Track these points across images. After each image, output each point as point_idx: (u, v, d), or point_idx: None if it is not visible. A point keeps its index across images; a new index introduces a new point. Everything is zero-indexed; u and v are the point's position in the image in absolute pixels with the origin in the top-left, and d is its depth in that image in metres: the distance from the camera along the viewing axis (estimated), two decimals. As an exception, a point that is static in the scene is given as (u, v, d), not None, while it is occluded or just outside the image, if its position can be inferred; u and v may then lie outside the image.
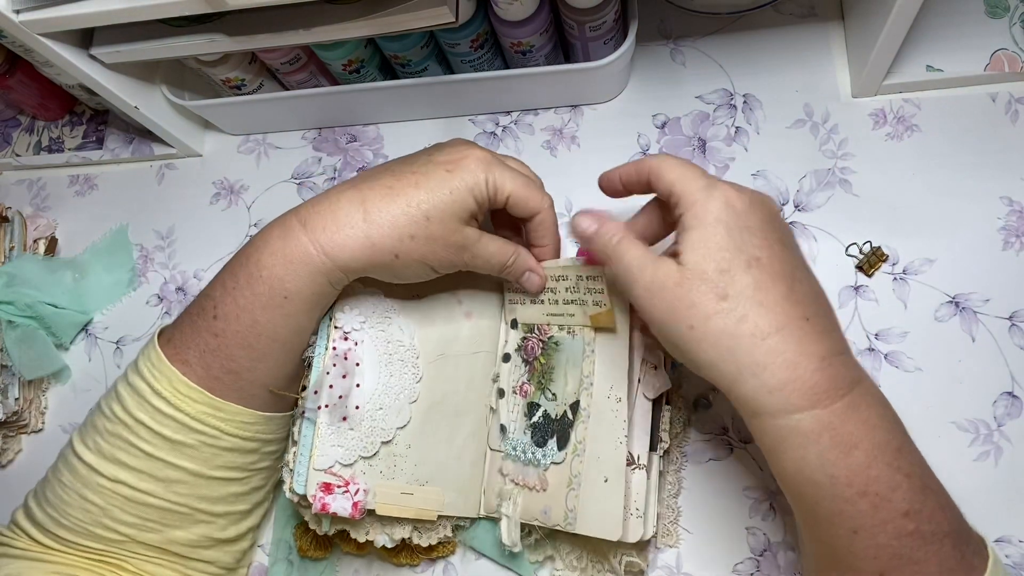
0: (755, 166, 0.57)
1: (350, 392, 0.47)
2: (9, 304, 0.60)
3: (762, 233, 0.38)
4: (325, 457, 0.46)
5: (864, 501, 0.34)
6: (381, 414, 0.48)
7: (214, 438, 0.45)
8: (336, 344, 0.48)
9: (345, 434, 0.47)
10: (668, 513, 0.50)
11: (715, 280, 0.36)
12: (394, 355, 0.49)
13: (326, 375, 0.47)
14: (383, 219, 0.42)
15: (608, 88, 0.60)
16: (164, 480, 0.44)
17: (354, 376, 0.47)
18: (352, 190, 0.44)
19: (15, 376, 0.61)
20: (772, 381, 0.35)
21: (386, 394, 0.48)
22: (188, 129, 0.67)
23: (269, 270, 0.43)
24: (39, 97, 0.68)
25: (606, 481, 0.45)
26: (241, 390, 0.45)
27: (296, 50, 0.57)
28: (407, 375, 0.49)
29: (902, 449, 0.36)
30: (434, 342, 0.50)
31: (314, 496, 0.45)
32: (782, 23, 0.59)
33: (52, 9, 0.49)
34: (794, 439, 0.35)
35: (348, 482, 0.46)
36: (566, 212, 0.59)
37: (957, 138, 0.54)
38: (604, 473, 0.45)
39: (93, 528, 0.44)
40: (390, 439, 0.48)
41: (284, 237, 0.43)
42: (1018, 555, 0.46)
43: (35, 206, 0.70)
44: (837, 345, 0.37)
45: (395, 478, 0.48)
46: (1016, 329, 0.50)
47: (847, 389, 0.36)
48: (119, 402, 0.44)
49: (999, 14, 0.55)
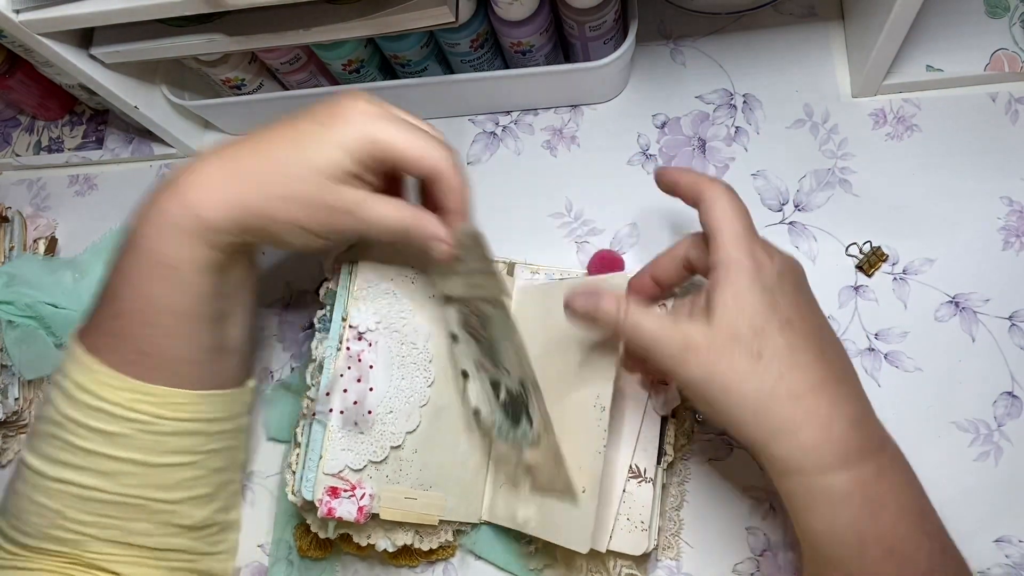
0: (755, 166, 0.57)
1: (364, 397, 0.47)
2: (9, 304, 0.60)
3: (794, 296, 0.38)
4: (336, 461, 0.46)
5: (890, 561, 0.35)
6: (392, 418, 0.47)
7: (149, 424, 0.43)
8: (350, 344, 0.47)
9: (356, 438, 0.46)
10: (670, 526, 0.49)
11: (749, 340, 0.36)
12: (407, 357, 0.48)
13: (339, 377, 0.46)
14: (250, 177, 0.40)
15: (608, 88, 0.60)
16: (109, 474, 0.43)
17: (368, 380, 0.47)
18: (227, 147, 0.41)
19: (15, 376, 0.61)
20: (807, 441, 0.35)
21: (397, 397, 0.48)
22: (188, 129, 0.67)
23: (146, 239, 0.40)
24: (39, 97, 0.68)
25: (583, 491, 0.44)
26: (162, 369, 0.43)
27: (296, 50, 0.57)
28: (419, 378, 0.49)
29: (924, 510, 0.37)
30: (445, 346, 0.50)
31: (320, 500, 0.45)
32: (782, 23, 0.59)
33: (52, 9, 0.49)
34: (826, 498, 0.35)
35: (355, 487, 0.46)
36: (565, 212, 0.59)
37: (957, 138, 0.54)
38: (582, 483, 0.45)
39: (52, 531, 0.43)
40: (400, 444, 0.47)
41: (155, 202, 0.41)
42: (1018, 555, 0.46)
43: (35, 206, 0.70)
44: (867, 407, 0.38)
45: (400, 483, 0.48)
46: (1016, 329, 0.50)
47: (877, 451, 0.36)
48: (51, 403, 0.44)
49: (999, 14, 0.55)
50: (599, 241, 0.57)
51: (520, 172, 0.61)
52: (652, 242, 0.56)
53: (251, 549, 0.55)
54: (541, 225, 0.58)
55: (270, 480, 0.57)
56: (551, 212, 0.59)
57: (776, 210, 0.55)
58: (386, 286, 0.48)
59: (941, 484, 0.48)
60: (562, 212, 0.59)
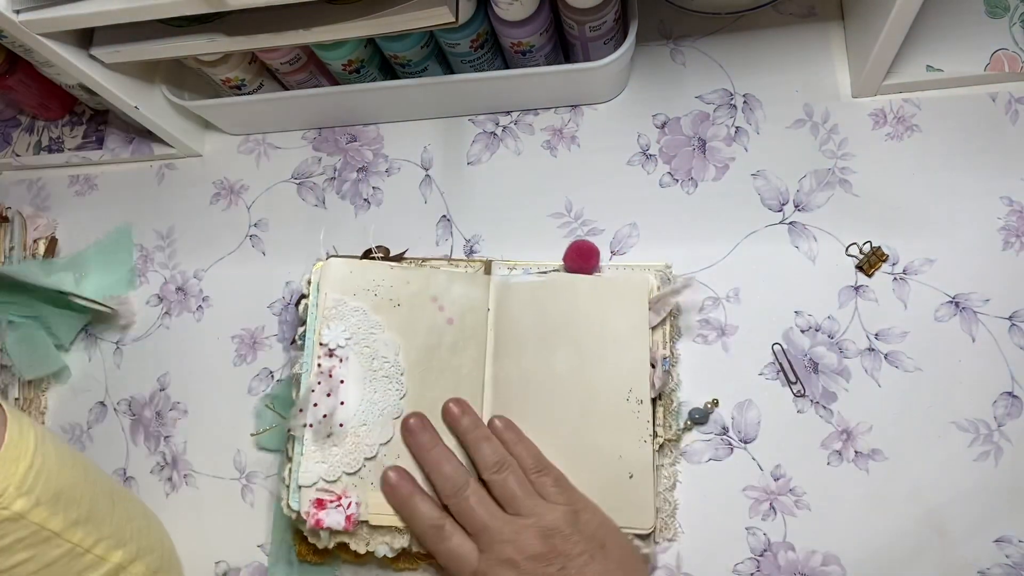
0: (755, 166, 0.57)
1: (334, 410, 0.48)
2: (9, 304, 0.61)
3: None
4: (309, 474, 0.47)
5: None
6: (365, 431, 0.49)
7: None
8: (321, 361, 0.49)
9: (329, 451, 0.48)
10: (666, 507, 0.50)
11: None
12: (379, 371, 0.50)
13: (311, 392, 0.48)
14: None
15: (608, 88, 0.60)
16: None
17: (338, 394, 0.48)
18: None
19: (15, 376, 0.61)
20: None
21: (370, 411, 0.49)
22: (188, 129, 0.67)
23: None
24: (39, 97, 0.68)
25: (631, 477, 0.48)
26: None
27: (296, 50, 0.57)
28: (391, 391, 0.50)
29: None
30: (418, 350, 0.51)
31: (307, 513, 0.47)
32: (782, 23, 0.59)
33: (52, 9, 0.49)
34: None
35: (340, 496, 0.48)
36: (565, 212, 0.59)
37: (957, 138, 0.54)
38: (629, 470, 0.48)
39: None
40: (373, 455, 0.49)
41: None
42: (1018, 555, 0.46)
43: (35, 206, 0.70)
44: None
45: None
46: (1016, 329, 0.50)
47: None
48: None
49: (999, 14, 0.55)
50: (599, 241, 0.57)
51: (520, 172, 0.61)
52: (652, 242, 0.56)
53: (251, 549, 0.55)
54: (541, 225, 0.59)
55: (270, 480, 0.57)
56: (551, 212, 0.59)
57: (776, 210, 0.55)
58: (355, 304, 0.50)
59: (941, 484, 0.48)
60: (562, 212, 0.59)
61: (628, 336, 0.50)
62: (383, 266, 0.53)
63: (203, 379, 0.61)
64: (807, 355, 0.52)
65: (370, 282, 0.52)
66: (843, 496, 0.49)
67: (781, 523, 0.49)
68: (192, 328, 0.62)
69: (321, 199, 0.64)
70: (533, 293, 0.53)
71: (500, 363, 0.52)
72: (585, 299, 0.52)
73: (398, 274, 0.52)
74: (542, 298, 0.53)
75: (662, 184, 0.58)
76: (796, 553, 0.48)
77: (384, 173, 0.63)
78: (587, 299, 0.52)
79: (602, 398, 0.50)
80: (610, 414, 0.49)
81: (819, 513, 0.49)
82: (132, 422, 0.61)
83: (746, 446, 0.51)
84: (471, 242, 0.59)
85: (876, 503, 0.48)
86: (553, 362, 0.51)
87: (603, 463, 0.48)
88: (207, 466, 0.59)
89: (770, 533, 0.49)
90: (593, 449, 0.49)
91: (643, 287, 0.52)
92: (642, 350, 0.50)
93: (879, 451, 0.49)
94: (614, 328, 0.51)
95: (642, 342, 0.50)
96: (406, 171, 0.63)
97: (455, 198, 0.61)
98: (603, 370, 0.50)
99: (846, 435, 0.50)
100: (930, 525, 0.47)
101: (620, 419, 0.49)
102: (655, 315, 0.51)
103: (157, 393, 0.61)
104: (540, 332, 0.52)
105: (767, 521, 0.49)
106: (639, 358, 0.50)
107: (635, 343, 0.50)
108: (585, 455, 0.49)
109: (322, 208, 0.63)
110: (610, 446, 0.49)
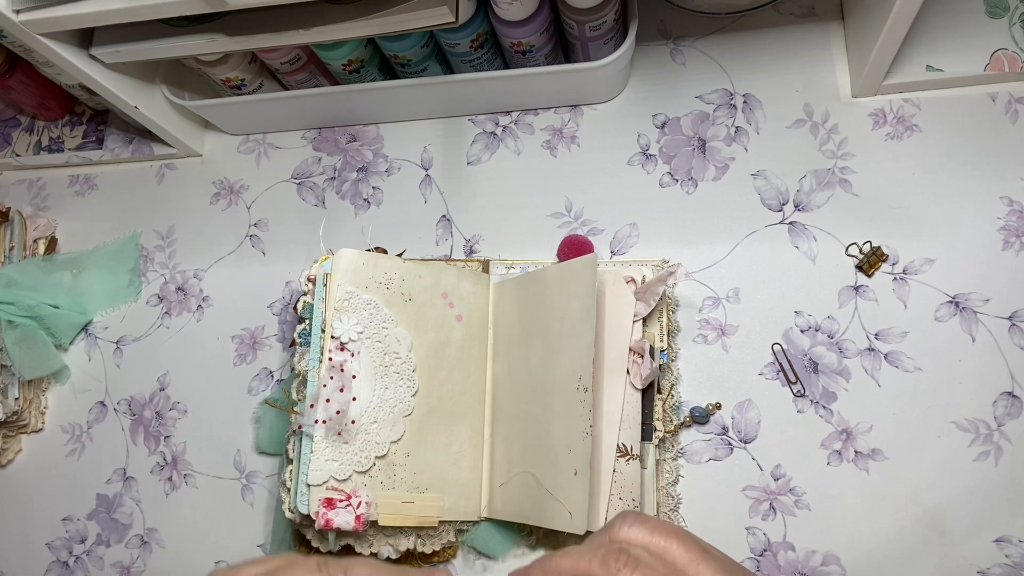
0: (755, 166, 0.57)
1: (347, 407, 0.47)
2: (9, 304, 0.61)
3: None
4: (320, 472, 0.46)
5: None
6: (376, 428, 0.48)
7: None
8: (333, 355, 0.47)
9: (340, 448, 0.46)
10: (668, 501, 0.50)
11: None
12: (390, 367, 0.49)
13: (323, 388, 0.46)
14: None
15: (608, 88, 0.60)
16: None
17: (351, 390, 0.47)
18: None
19: (15, 376, 0.61)
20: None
21: (381, 408, 0.48)
22: (188, 129, 0.67)
23: None
24: (39, 97, 0.68)
25: (575, 474, 0.44)
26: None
27: (296, 50, 0.57)
28: (403, 388, 0.49)
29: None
30: (428, 346, 0.50)
31: (317, 513, 0.45)
32: (782, 23, 0.59)
33: (52, 9, 0.49)
34: None
35: (350, 495, 0.46)
36: (565, 212, 0.59)
37: (957, 138, 0.54)
38: (573, 466, 0.45)
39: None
40: (384, 453, 0.48)
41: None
42: (1018, 555, 0.46)
43: (35, 206, 0.70)
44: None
45: (395, 487, 0.48)
46: (1016, 329, 0.50)
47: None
48: None
49: (999, 14, 0.55)
50: (599, 241, 0.57)
51: (520, 172, 0.61)
52: (652, 242, 0.56)
53: (251, 549, 0.55)
54: (541, 225, 0.59)
55: (270, 480, 0.57)
56: (551, 212, 0.59)
57: (776, 210, 0.55)
58: (366, 297, 0.49)
59: (941, 484, 0.48)
60: (562, 212, 0.59)
61: (580, 320, 0.47)
62: (395, 259, 0.52)
63: (203, 379, 0.61)
64: (807, 355, 0.52)
65: (382, 275, 0.50)
66: (843, 496, 0.49)
67: (781, 523, 0.49)
68: (192, 328, 0.63)
69: (321, 199, 0.64)
70: (518, 289, 0.53)
71: (498, 363, 0.52)
72: (552, 286, 0.50)
73: (410, 268, 0.51)
74: (524, 293, 0.52)
75: (662, 184, 0.58)
76: (796, 553, 0.48)
77: (384, 173, 0.63)
78: (554, 286, 0.50)
79: (559, 388, 0.47)
80: (564, 405, 0.46)
81: (819, 513, 0.49)
82: (132, 422, 0.61)
83: (746, 446, 0.51)
84: (471, 242, 0.59)
85: (876, 503, 0.48)
86: (530, 356, 0.50)
87: (560, 459, 0.46)
88: (207, 466, 0.59)
89: (770, 533, 0.49)
90: (553, 445, 0.46)
91: (591, 263, 0.47)
92: (589, 334, 0.46)
93: (879, 451, 0.49)
94: (572, 313, 0.48)
95: (590, 325, 0.46)
96: (406, 171, 0.63)
97: (455, 198, 0.61)
98: (561, 359, 0.47)
99: (846, 435, 0.50)
100: (930, 525, 0.47)
101: (570, 409, 0.46)
102: (645, 305, 0.50)
103: (157, 393, 0.61)
104: (523, 327, 0.51)
105: (767, 521, 0.49)
106: (587, 343, 0.46)
107: (584, 327, 0.46)
108: (550, 451, 0.46)
109: (322, 208, 0.63)
110: (563, 439, 0.46)
